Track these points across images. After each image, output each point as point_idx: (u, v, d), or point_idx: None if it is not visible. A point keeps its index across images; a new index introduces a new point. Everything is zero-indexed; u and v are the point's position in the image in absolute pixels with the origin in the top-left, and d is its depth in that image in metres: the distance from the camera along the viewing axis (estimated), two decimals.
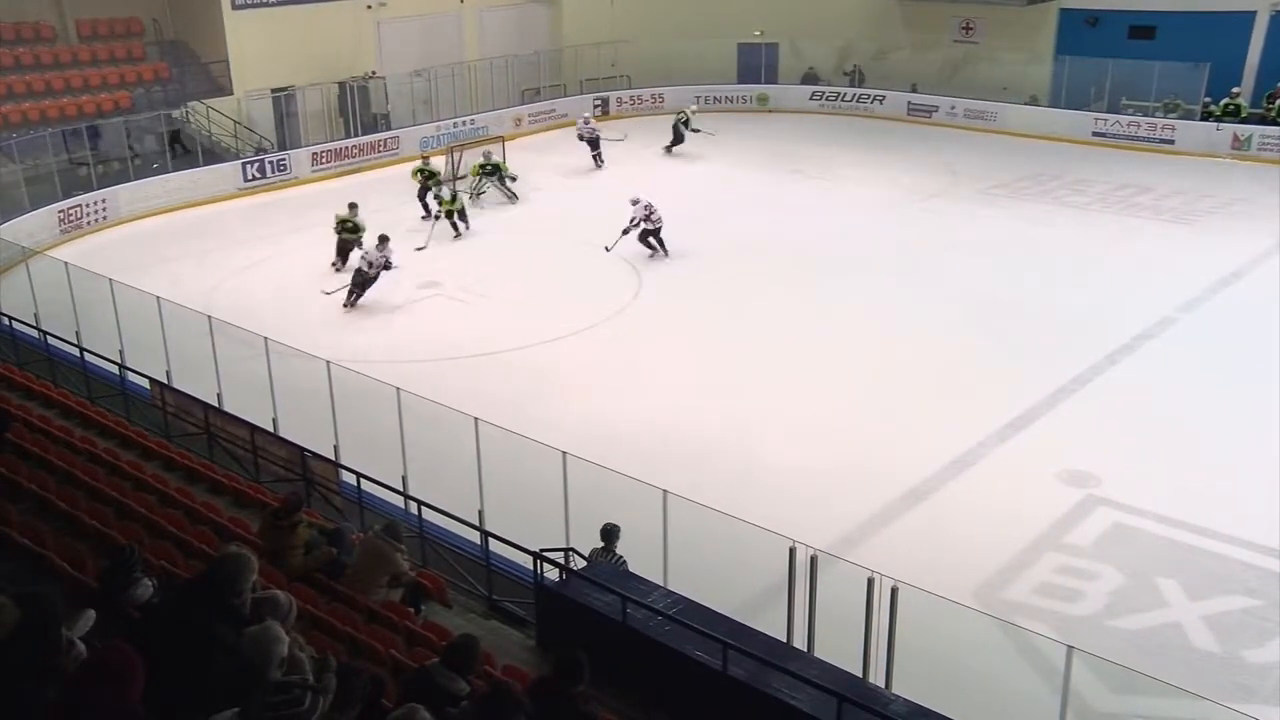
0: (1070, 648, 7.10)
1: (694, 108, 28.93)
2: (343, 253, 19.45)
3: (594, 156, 26.89)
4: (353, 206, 19.86)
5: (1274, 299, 17.38)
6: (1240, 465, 12.53)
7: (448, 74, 29.84)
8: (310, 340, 13.85)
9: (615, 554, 9.01)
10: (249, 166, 25.37)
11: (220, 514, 9.28)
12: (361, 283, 17.77)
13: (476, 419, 10.27)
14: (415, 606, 8.34)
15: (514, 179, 24.34)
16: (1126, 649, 9.26)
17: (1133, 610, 10.12)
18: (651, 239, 20.00)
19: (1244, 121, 26.47)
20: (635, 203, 20.01)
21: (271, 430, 11.80)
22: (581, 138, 27.11)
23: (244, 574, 4.80)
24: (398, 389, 11.00)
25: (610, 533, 9.07)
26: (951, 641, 9.04)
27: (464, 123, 28.69)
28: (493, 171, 24.40)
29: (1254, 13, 27.63)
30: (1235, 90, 26.68)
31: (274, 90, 27.21)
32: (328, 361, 11.75)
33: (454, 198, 21.78)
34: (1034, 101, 30.24)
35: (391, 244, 18.20)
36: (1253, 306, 17.27)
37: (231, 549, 5.36)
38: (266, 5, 27.17)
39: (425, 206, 22.49)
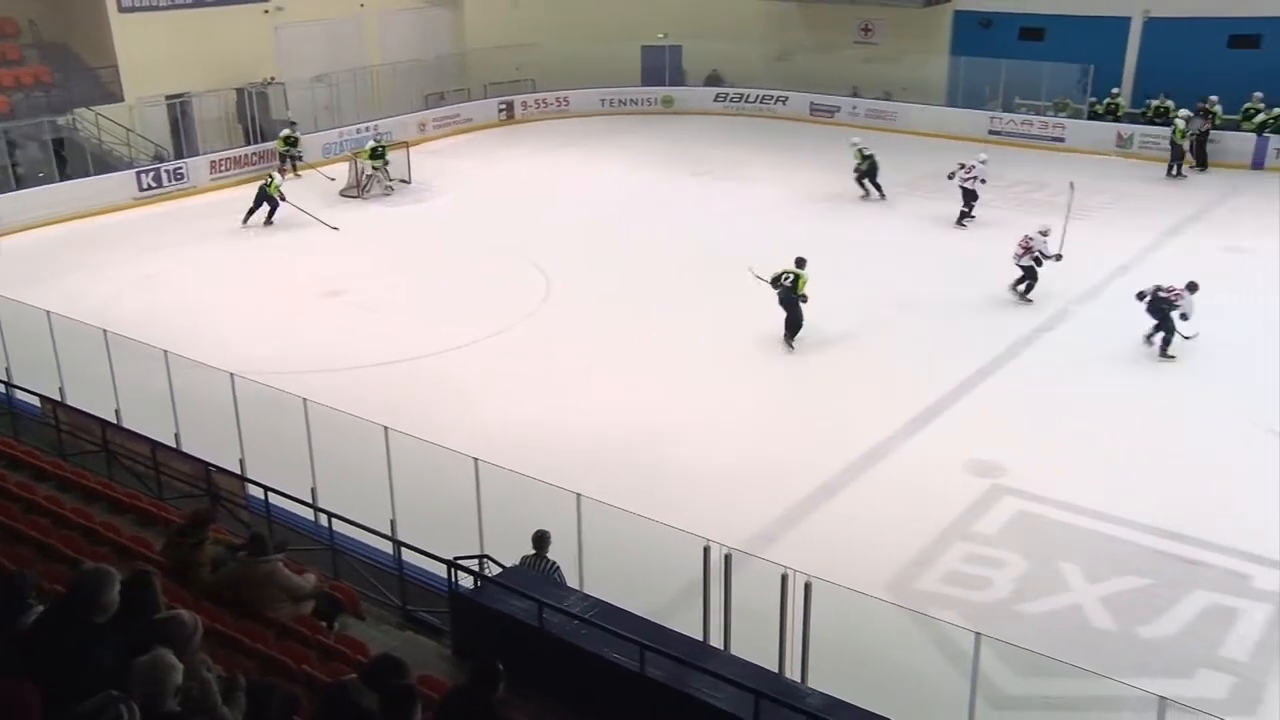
0: (978, 635, 7.29)
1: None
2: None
3: (964, 212, 22.08)
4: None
5: None
6: (1132, 451, 13.02)
7: (349, 79, 29.38)
8: (214, 353, 13.50)
9: (547, 560, 8.92)
10: (144, 175, 24.62)
11: (121, 533, 8.98)
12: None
13: (386, 427, 10.15)
14: (328, 620, 8.18)
15: (394, 182, 24.34)
16: (1032, 633, 9.52)
17: (1037, 595, 10.43)
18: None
19: (1120, 119, 27.82)
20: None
21: (174, 446, 11.49)
22: (965, 187, 21.70)
23: (104, 590, 4.65)
24: (304, 399, 10.80)
25: (541, 539, 8.96)
26: (865, 633, 9.21)
27: (367, 128, 28.23)
28: (380, 154, 24.31)
29: (1130, 18, 28.80)
30: (1115, 90, 28.01)
31: (168, 97, 26.43)
32: (231, 374, 11.48)
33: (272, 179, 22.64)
34: (886, 97, 31.14)
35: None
36: None
37: (89, 565, 5.18)
38: (156, 9, 26.36)
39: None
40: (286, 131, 26.34)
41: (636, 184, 25.62)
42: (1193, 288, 15.43)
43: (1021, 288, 17.88)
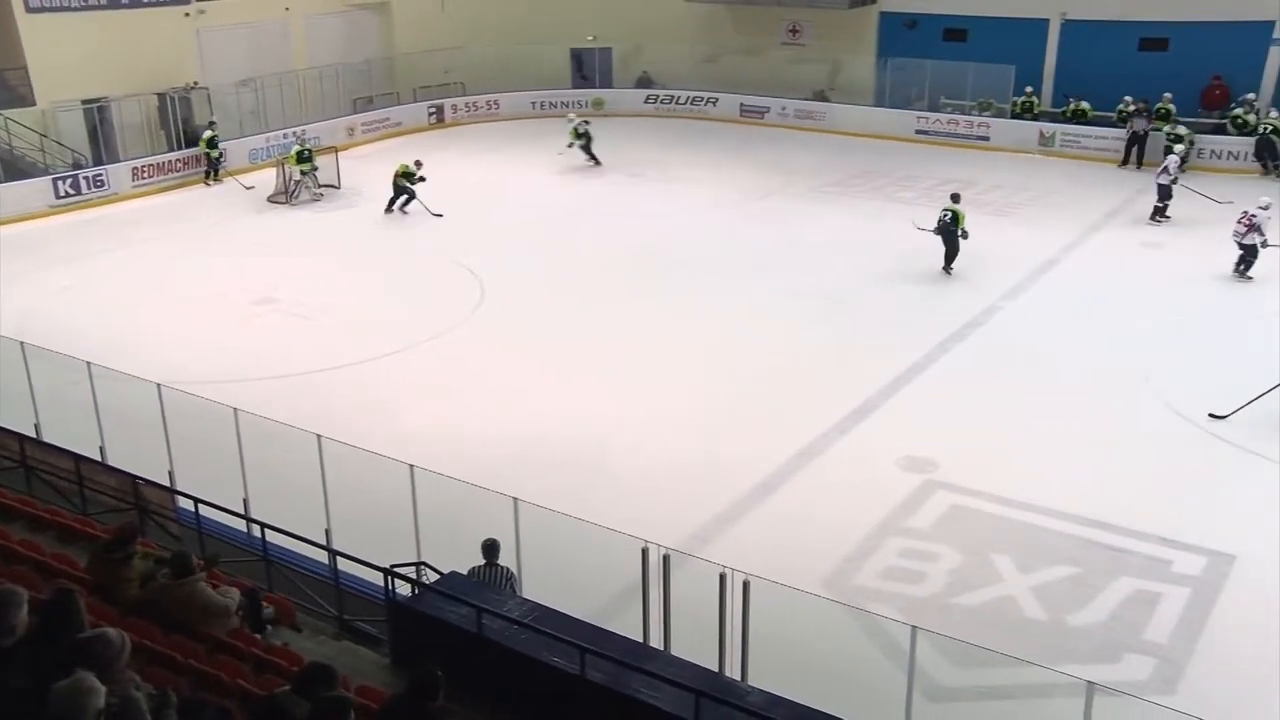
0: (914, 628, 7.40)
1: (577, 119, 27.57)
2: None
3: (1159, 208, 21.91)
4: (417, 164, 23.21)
5: (1085, 284, 18.59)
6: (1061, 443, 13.31)
7: (275, 84, 28.88)
8: (140, 363, 13.19)
9: (500, 567, 8.84)
10: (61, 183, 23.89)
11: (42, 551, 8.71)
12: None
13: (319, 436, 10.00)
14: (255, 625, 8.01)
15: (322, 188, 24.10)
16: (967, 624, 9.70)
17: (971, 587, 10.60)
18: (1252, 250, 18.26)
19: (1037, 118, 28.44)
20: (1263, 208, 18.19)
21: (99, 459, 11.19)
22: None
23: (9, 612, 4.50)
24: (234, 409, 10.60)
25: (491, 548, 8.88)
26: (804, 630, 9.29)
27: (294, 133, 27.79)
28: (308, 159, 23.99)
29: (1048, 20, 29.50)
30: (1029, 90, 28.66)
31: (85, 101, 25.72)
32: (158, 384, 11.24)
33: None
34: (820, 97, 31.58)
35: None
36: (1067, 292, 18.41)
37: None
38: (67, 10, 25.53)
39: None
40: (208, 133, 25.81)
41: (569, 186, 25.61)
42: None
43: (1244, 266, 18.43)
